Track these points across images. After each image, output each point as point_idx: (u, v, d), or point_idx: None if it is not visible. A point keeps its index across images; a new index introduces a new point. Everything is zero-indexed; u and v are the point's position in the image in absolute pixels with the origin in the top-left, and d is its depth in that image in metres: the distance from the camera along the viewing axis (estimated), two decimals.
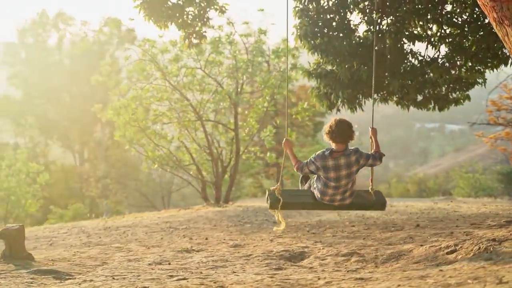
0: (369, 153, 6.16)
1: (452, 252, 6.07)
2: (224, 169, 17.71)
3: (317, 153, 6.03)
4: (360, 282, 4.18)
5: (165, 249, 7.38)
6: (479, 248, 5.80)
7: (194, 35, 11.14)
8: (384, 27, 10.87)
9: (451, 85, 11.43)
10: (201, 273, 5.51)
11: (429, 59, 11.10)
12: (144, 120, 16.81)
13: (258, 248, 7.31)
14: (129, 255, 6.81)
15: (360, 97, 11.30)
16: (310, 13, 10.78)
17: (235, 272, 5.54)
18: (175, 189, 36.41)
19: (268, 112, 19.55)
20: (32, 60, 50.29)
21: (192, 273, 5.50)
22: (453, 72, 11.11)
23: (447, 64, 11.03)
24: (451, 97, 11.74)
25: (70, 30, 52.28)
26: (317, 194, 6.10)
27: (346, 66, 10.69)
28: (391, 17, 10.69)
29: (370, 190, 6.41)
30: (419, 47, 11.44)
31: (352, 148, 6.00)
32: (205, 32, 11.09)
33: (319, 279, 4.43)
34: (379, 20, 10.74)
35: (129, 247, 7.65)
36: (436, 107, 11.85)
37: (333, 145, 5.90)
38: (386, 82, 11.19)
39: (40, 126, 48.78)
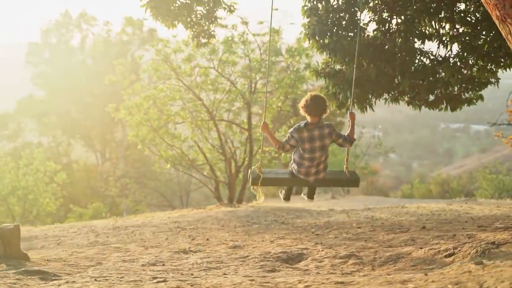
0: (342, 133, 6.69)
1: (450, 255, 5.96)
2: (238, 169, 17.64)
3: (293, 127, 6.56)
4: (340, 286, 4.08)
5: (163, 249, 7.33)
6: (477, 251, 5.68)
7: (203, 34, 11.12)
8: (394, 26, 10.76)
9: (464, 85, 11.25)
10: (191, 274, 5.45)
11: (440, 59, 10.95)
12: (157, 120, 16.79)
13: (257, 249, 7.23)
14: (126, 256, 6.78)
15: (370, 96, 11.15)
16: (319, 12, 10.69)
17: (225, 274, 5.48)
18: (193, 189, 36.39)
19: (283, 112, 19.49)
20: (56, 60, 50.76)
21: (182, 274, 5.45)
22: (464, 71, 10.94)
23: (458, 64, 10.86)
24: (463, 97, 11.55)
25: (93, 30, 52.66)
26: (294, 167, 6.60)
27: (355, 65, 10.58)
28: (401, 16, 10.54)
29: (344, 170, 6.95)
30: (431, 46, 11.26)
31: (326, 122, 6.56)
32: (213, 31, 11.06)
33: (299, 282, 4.34)
34: (388, 19, 10.63)
35: (128, 248, 7.61)
36: (449, 107, 11.66)
37: (308, 118, 6.43)
38: (397, 81, 11.07)
39: (63, 126, 49.21)
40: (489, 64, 10.47)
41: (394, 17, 10.73)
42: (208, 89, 16.99)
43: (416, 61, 11.28)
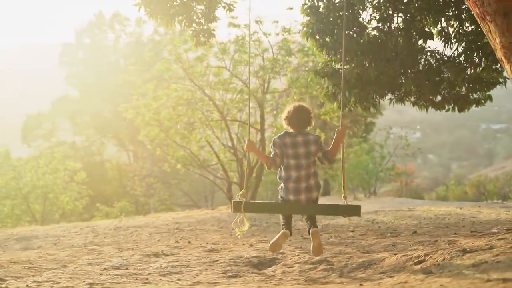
0: (325, 148, 5.87)
1: (420, 262, 5.71)
2: (251, 169, 17.46)
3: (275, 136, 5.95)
4: None
5: (137, 252, 7.23)
6: (444, 259, 5.43)
7: (202, 33, 11.00)
8: (395, 24, 10.50)
9: (471, 85, 10.92)
10: (146, 279, 5.35)
11: (445, 58, 10.65)
12: (168, 120, 16.77)
13: (232, 253, 7.07)
14: (95, 259, 6.70)
15: (374, 96, 10.89)
16: (320, 10, 10.50)
17: (180, 280, 5.34)
18: (218, 189, 36.36)
19: None
20: (89, 60, 51.39)
21: (136, 279, 5.34)
22: (470, 71, 10.62)
23: (464, 63, 10.55)
24: (471, 97, 11.21)
25: (126, 30, 53.08)
26: (281, 187, 5.79)
27: (353, 65, 10.36)
28: (403, 14, 10.28)
29: (342, 198, 5.97)
30: (437, 45, 10.94)
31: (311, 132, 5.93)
32: (213, 30, 10.94)
33: None
34: (390, 17, 10.38)
35: (103, 250, 7.54)
36: (456, 108, 11.33)
37: (290, 130, 5.86)
38: (400, 81, 10.81)
39: (95, 125, 49.76)
40: (494, 64, 10.12)
41: (395, 15, 10.47)
42: (219, 89, 16.87)
43: (422, 60, 11.01)
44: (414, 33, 10.21)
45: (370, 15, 10.54)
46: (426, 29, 10.29)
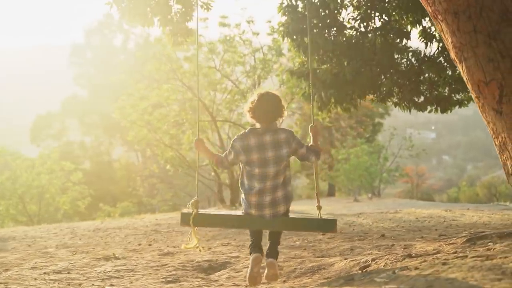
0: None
1: (365, 267, 5.53)
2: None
3: (237, 134, 4.91)
4: None
5: (88, 255, 7.12)
6: (385, 264, 5.25)
7: (180, 33, 10.89)
8: (373, 24, 10.35)
9: (453, 86, 10.75)
10: (79, 285, 5.23)
11: (426, 58, 10.50)
12: (158, 121, 16.71)
13: (187, 256, 6.94)
14: (42, 262, 6.59)
15: (352, 96, 10.73)
16: (299, 9, 10.37)
17: (113, 285, 5.22)
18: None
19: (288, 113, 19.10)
20: (98, 61, 51.63)
21: (69, 284, 5.22)
22: (450, 72, 10.47)
23: (444, 63, 10.40)
24: (454, 98, 11.04)
25: (134, 31, 53.23)
26: (242, 200, 4.80)
27: (328, 65, 10.22)
28: (377, 13, 10.12)
29: (316, 208, 5.06)
30: (421, 45, 10.76)
31: (282, 127, 4.86)
32: (191, 29, 10.82)
33: None
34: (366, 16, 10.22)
35: (55, 253, 7.44)
36: (439, 109, 11.15)
37: (257, 125, 4.77)
38: (380, 82, 10.65)
39: (104, 125, 49.97)
40: None
41: (372, 14, 10.30)
42: (210, 89, 16.77)
43: (404, 60, 10.87)
44: (391, 34, 10.04)
45: (348, 14, 10.38)
46: (404, 29, 10.11)
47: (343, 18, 10.49)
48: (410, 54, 10.62)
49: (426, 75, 10.62)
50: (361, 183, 27.11)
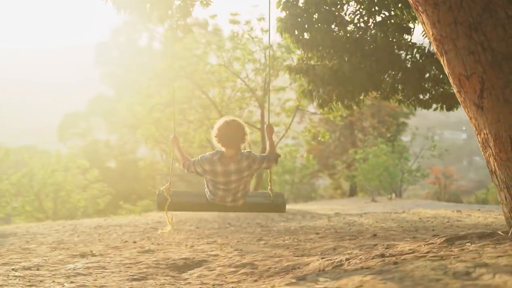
0: (264, 155, 5.63)
1: (339, 266, 5.35)
2: None
3: (205, 155, 5.48)
4: None
5: (67, 252, 7.04)
6: (355, 263, 5.07)
7: (180, 29, 10.81)
8: (373, 20, 10.12)
9: None
10: (40, 281, 5.13)
11: (430, 54, 10.24)
12: (166, 119, 16.63)
13: (165, 254, 6.82)
14: (18, 258, 6.51)
15: (353, 93, 10.50)
16: (299, 4, 10.19)
17: (73, 282, 5.11)
18: None
19: (300, 110, 18.80)
20: (123, 60, 51.78)
21: (29, 281, 5.13)
22: None
23: None
24: None
25: (159, 30, 53.28)
26: (208, 195, 5.65)
27: (326, 61, 10.01)
28: (377, 7, 9.89)
29: (269, 191, 5.93)
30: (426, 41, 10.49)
31: (244, 151, 5.46)
32: (191, 25, 10.73)
33: None
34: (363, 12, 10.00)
35: (35, 250, 7.38)
36: (444, 107, 10.86)
37: (223, 149, 5.32)
38: (382, 78, 10.42)
39: (129, 124, 50.09)
40: None
41: (373, 9, 10.07)
42: (219, 87, 16.64)
43: (408, 57, 10.63)
44: (391, 29, 9.79)
45: (348, 9, 10.18)
46: (404, 24, 9.87)
47: (345, 13, 10.29)
48: (415, 50, 10.37)
49: (432, 72, 10.35)
50: (380, 183, 26.69)
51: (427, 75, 10.32)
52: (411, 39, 10.33)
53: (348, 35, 9.92)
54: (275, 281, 4.88)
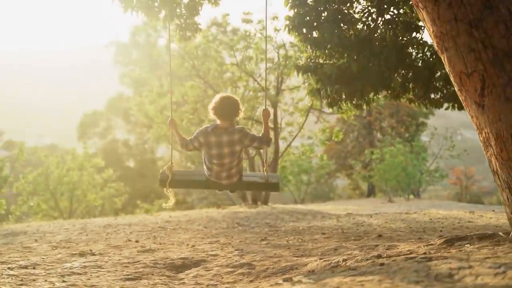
0: (257, 135, 6.09)
1: (335, 267, 5.27)
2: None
3: (201, 129, 6.06)
4: None
5: (66, 251, 7.02)
6: (349, 264, 4.99)
7: (188, 28, 10.79)
8: (381, 18, 9.99)
9: None
10: (33, 280, 5.11)
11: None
12: (178, 119, 16.61)
13: (165, 254, 6.77)
14: (17, 256, 6.50)
15: (362, 92, 10.38)
16: (308, 2, 10.09)
17: (65, 281, 5.08)
18: None
19: (317, 110, 18.66)
20: (142, 60, 51.93)
21: (22, 280, 5.11)
22: None
23: None
24: None
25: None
26: (205, 170, 6.09)
27: (334, 60, 9.90)
28: (385, 5, 9.76)
29: (264, 172, 6.49)
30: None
31: (238, 126, 6.01)
32: (199, 24, 10.71)
33: None
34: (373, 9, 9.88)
35: (36, 249, 7.38)
36: (456, 106, 10.70)
37: (218, 121, 5.91)
38: (391, 77, 10.29)
39: (146, 124, 50.31)
40: None
41: (382, 7, 9.95)
42: (227, 86, 16.59)
43: (419, 55, 10.49)
44: (399, 27, 9.66)
45: (356, 7, 10.07)
46: (413, 24, 9.74)
47: (354, 11, 10.18)
48: (426, 48, 10.23)
49: (443, 70, 10.18)
50: (398, 183, 26.43)
51: (438, 73, 10.16)
52: (421, 38, 10.20)
53: (357, 33, 9.79)
54: (263, 283, 4.82)
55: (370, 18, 9.82)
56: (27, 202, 21.89)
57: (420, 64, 10.10)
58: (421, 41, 10.09)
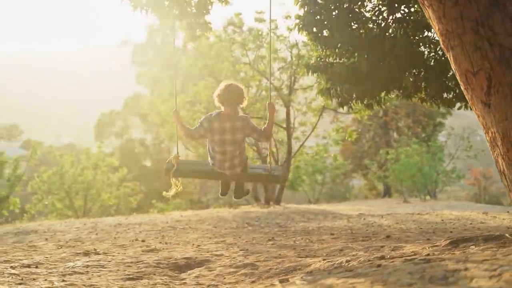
0: (258, 128, 6.17)
1: (336, 268, 5.19)
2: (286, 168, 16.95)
3: (205, 115, 6.18)
4: None
5: (71, 250, 7.01)
6: (351, 265, 4.91)
7: (198, 27, 10.77)
8: (392, 17, 9.90)
9: None
10: (32, 279, 5.09)
11: None
12: (191, 118, 16.61)
13: (169, 253, 6.73)
14: (22, 255, 6.49)
15: (374, 92, 10.29)
16: (318, 1, 10.02)
17: (64, 281, 5.06)
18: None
19: (333, 110, 18.49)
20: (159, 60, 52.05)
21: (22, 279, 5.09)
22: None
23: None
24: None
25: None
26: (209, 159, 6.20)
27: (344, 59, 9.82)
28: (396, 4, 9.66)
29: (268, 164, 6.54)
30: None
31: (242, 115, 6.13)
32: (210, 23, 10.69)
33: None
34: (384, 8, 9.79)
35: (41, 247, 7.37)
36: (468, 106, 10.54)
37: (222, 109, 6.03)
38: (402, 76, 10.19)
39: (161, 123, 50.40)
40: None
41: (394, 6, 9.85)
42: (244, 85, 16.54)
43: (432, 54, 10.38)
44: (410, 25, 9.55)
45: (367, 6, 9.97)
46: (426, 22, 9.62)
47: (365, 10, 10.09)
48: (438, 47, 10.13)
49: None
50: (414, 184, 26.19)
51: (451, 73, 10.05)
52: (433, 36, 10.08)
53: (367, 32, 9.71)
54: (258, 285, 4.77)
55: (380, 17, 9.72)
56: (42, 201, 22.04)
57: (432, 63, 9.97)
58: (433, 40, 9.96)
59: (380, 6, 9.75)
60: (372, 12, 9.82)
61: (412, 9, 9.50)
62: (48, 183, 22.00)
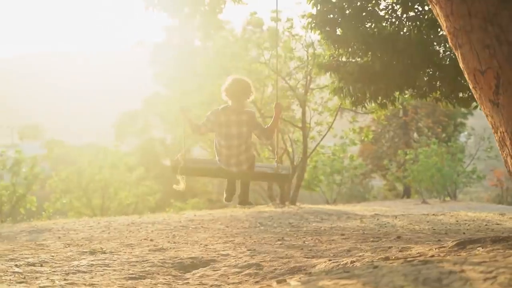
0: (262, 125, 6.23)
1: (336, 269, 5.13)
2: (294, 169, 16.86)
3: (213, 109, 6.19)
4: None
5: (78, 249, 7.02)
6: (356, 265, 4.85)
7: (211, 26, 10.77)
8: (406, 15, 9.79)
9: None
10: (34, 278, 5.10)
11: None
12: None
13: (176, 253, 6.72)
14: (28, 254, 6.51)
15: (387, 91, 10.18)
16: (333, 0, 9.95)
17: (66, 280, 5.06)
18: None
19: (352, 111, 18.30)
20: (178, 60, 52.10)
21: (24, 278, 5.10)
22: None
23: None
24: None
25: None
26: (216, 156, 6.18)
27: (357, 58, 9.73)
28: (409, 3, 9.55)
29: (275, 163, 6.65)
30: None
31: (248, 109, 6.18)
32: (223, 22, 10.66)
33: None
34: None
35: (49, 246, 7.38)
36: None
37: (229, 103, 6.02)
38: (416, 75, 10.07)
39: (175, 123, 50.34)
40: None
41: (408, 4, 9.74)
42: (255, 84, 16.48)
43: (447, 53, 10.26)
44: (424, 24, 9.43)
45: (380, 4, 9.88)
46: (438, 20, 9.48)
47: (378, 8, 9.99)
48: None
49: None
50: (432, 184, 25.86)
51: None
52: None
53: (381, 31, 9.61)
54: (254, 285, 4.72)
55: (394, 15, 9.61)
56: (60, 200, 22.19)
57: (448, 62, 9.84)
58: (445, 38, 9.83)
59: (394, 5, 9.64)
60: (386, 11, 9.70)
61: (426, 8, 9.37)
62: (66, 182, 22.19)
